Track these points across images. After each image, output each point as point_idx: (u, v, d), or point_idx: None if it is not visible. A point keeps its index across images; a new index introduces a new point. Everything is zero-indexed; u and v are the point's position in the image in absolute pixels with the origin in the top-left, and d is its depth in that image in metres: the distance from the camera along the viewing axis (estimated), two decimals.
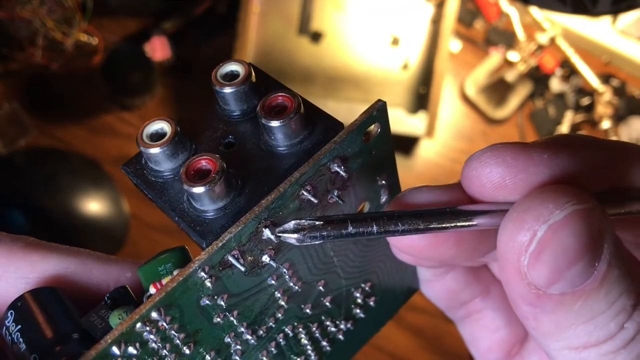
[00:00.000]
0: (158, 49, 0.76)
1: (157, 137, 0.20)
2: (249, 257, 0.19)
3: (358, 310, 0.25)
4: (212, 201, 0.18)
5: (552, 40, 0.82)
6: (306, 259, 0.21)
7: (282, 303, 0.21)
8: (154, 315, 0.17)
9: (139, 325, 0.17)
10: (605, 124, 0.85)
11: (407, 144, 0.83)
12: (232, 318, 0.20)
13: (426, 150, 0.84)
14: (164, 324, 0.18)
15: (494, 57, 0.86)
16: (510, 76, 0.82)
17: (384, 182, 0.22)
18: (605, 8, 0.48)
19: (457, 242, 0.20)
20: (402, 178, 0.24)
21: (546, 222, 0.16)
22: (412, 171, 0.83)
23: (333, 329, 0.24)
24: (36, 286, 0.19)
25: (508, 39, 0.86)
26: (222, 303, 0.19)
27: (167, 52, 0.76)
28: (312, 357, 0.24)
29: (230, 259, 0.18)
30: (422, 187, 0.20)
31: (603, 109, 0.84)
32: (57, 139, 0.77)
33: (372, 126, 0.20)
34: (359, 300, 0.25)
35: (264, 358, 0.22)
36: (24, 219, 0.72)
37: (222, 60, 0.20)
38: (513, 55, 0.85)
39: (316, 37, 0.77)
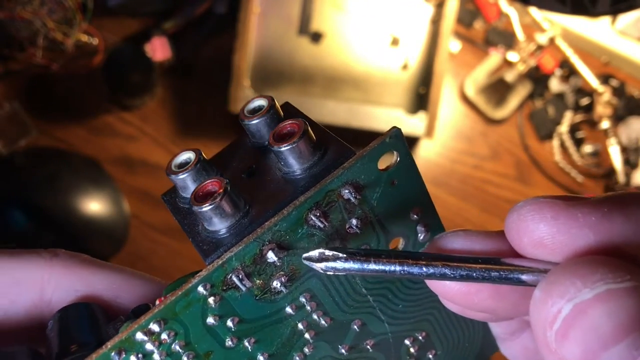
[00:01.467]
0: (158, 49, 0.76)
1: (183, 165, 0.21)
2: (258, 281, 0.19)
3: None
4: (218, 221, 0.19)
5: (552, 41, 0.82)
6: (331, 292, 0.21)
7: (308, 337, 0.21)
8: (154, 327, 0.18)
9: (138, 334, 0.18)
10: (605, 124, 0.85)
11: (407, 144, 0.83)
12: (247, 344, 0.20)
13: (426, 151, 0.84)
14: (166, 337, 0.18)
15: (494, 58, 0.86)
16: (509, 76, 0.82)
17: (416, 217, 0.21)
18: (604, 8, 0.48)
19: (494, 294, 0.18)
20: None
21: (571, 301, 0.15)
22: None
23: None
24: (84, 299, 0.21)
25: (507, 40, 0.86)
26: (232, 326, 0.19)
27: (168, 53, 0.76)
28: None
29: (234, 279, 0.19)
30: (459, 232, 0.19)
31: (602, 109, 0.84)
32: (58, 139, 0.77)
33: (390, 154, 0.20)
34: (412, 351, 0.23)
35: None
36: (24, 219, 0.72)
37: (223, 60, 0.20)
38: (512, 56, 0.85)
39: (316, 37, 0.77)
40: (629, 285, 0.15)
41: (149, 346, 0.18)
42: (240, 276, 0.19)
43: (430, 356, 0.24)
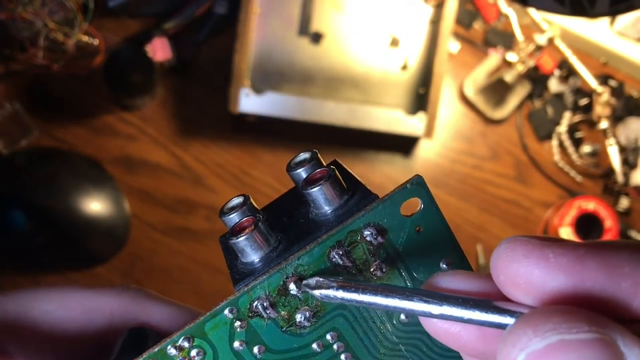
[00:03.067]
0: (159, 49, 0.76)
1: (233, 208, 0.23)
2: (282, 312, 0.20)
3: None
4: (250, 253, 0.21)
5: (551, 41, 0.83)
6: (359, 335, 0.21)
7: None
8: (184, 343, 0.20)
9: (169, 348, 0.20)
10: (603, 124, 0.85)
11: (407, 144, 0.83)
12: None
13: (425, 151, 0.85)
14: (195, 355, 0.20)
15: (493, 58, 0.86)
16: (509, 77, 0.82)
17: (446, 267, 0.21)
18: (603, 9, 0.49)
19: (480, 336, 0.18)
20: (402, 178, 0.24)
21: (523, 350, 0.14)
22: (412, 171, 0.83)
23: None
24: (141, 326, 0.25)
25: (507, 40, 0.87)
26: (257, 353, 0.21)
27: (168, 53, 0.77)
28: None
29: (259, 306, 0.20)
30: (457, 272, 0.19)
31: (601, 110, 0.85)
32: (58, 139, 0.77)
33: (415, 200, 0.21)
34: None
35: None
36: (25, 219, 0.73)
37: (223, 60, 0.21)
38: (512, 56, 0.85)
39: (316, 38, 0.77)
40: (586, 337, 0.14)
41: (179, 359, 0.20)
42: (264, 304, 0.20)
43: None
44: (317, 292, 0.19)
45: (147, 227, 0.77)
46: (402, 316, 0.22)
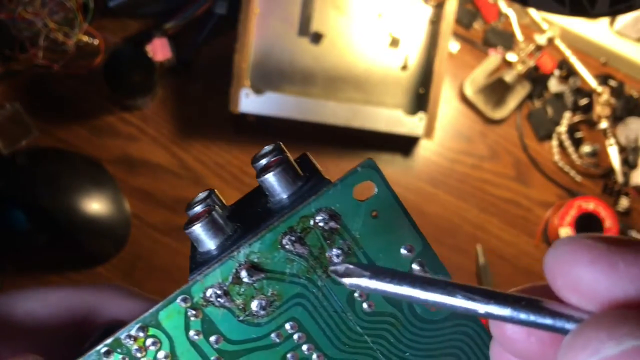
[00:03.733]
0: (159, 49, 0.76)
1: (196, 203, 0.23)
2: (237, 300, 0.20)
3: None
4: (205, 243, 0.20)
5: (551, 41, 0.83)
6: (320, 325, 0.21)
7: None
8: (139, 332, 0.20)
9: (124, 337, 0.20)
10: (603, 124, 0.85)
11: (407, 144, 0.83)
12: None
13: (425, 150, 0.85)
14: (150, 344, 0.20)
15: (493, 58, 0.86)
16: (508, 77, 0.82)
17: (408, 253, 0.21)
18: (603, 9, 0.49)
19: (540, 340, 0.16)
20: (402, 178, 0.23)
21: (594, 356, 0.13)
22: (412, 171, 0.83)
23: None
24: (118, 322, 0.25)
25: (507, 40, 0.87)
26: (215, 344, 0.20)
27: (168, 53, 0.77)
28: None
29: (212, 295, 0.20)
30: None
31: (601, 110, 0.85)
32: (59, 139, 0.78)
33: (370, 184, 0.20)
34: None
35: None
36: (25, 219, 0.73)
37: (223, 60, 0.21)
38: (511, 56, 0.85)
39: (316, 38, 0.77)
40: None
41: (135, 352, 0.20)
42: (218, 293, 0.20)
43: None
44: (346, 281, 0.17)
45: (148, 227, 0.77)
46: (365, 305, 0.21)
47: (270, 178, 0.20)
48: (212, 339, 0.20)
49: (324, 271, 0.20)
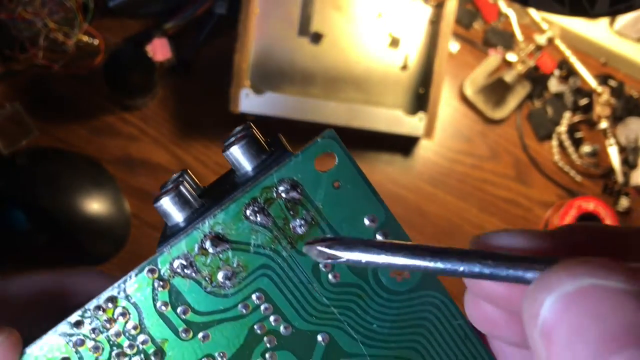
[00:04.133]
0: (159, 49, 0.76)
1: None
2: (204, 272, 0.20)
3: None
4: (172, 217, 0.21)
5: (551, 41, 0.83)
6: (287, 296, 0.21)
7: (268, 344, 0.21)
8: (107, 304, 0.20)
9: (93, 309, 0.20)
10: (603, 125, 0.85)
11: (407, 144, 0.83)
12: (202, 339, 0.21)
13: (425, 150, 0.85)
14: (119, 315, 0.20)
15: (493, 58, 0.86)
16: (508, 77, 0.82)
17: (371, 223, 0.21)
18: (603, 9, 0.49)
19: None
20: (402, 178, 0.23)
21: (552, 294, 0.13)
22: (412, 171, 0.83)
23: None
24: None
25: (506, 40, 0.87)
26: (183, 315, 0.21)
27: (168, 53, 0.77)
28: None
29: (179, 266, 0.20)
30: (512, 230, 0.18)
31: (601, 110, 0.85)
32: (59, 139, 0.78)
33: (331, 156, 0.21)
34: None
35: None
36: (25, 219, 0.73)
37: (223, 61, 0.22)
38: (511, 56, 0.85)
39: (316, 38, 0.77)
40: (621, 286, 0.13)
41: (103, 321, 0.20)
42: (184, 264, 0.20)
43: None
44: (314, 249, 0.18)
45: (148, 227, 0.77)
46: (330, 276, 0.21)
47: (235, 151, 0.21)
48: (180, 310, 0.21)
49: (288, 242, 0.21)
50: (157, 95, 0.79)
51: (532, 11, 0.84)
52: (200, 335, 0.21)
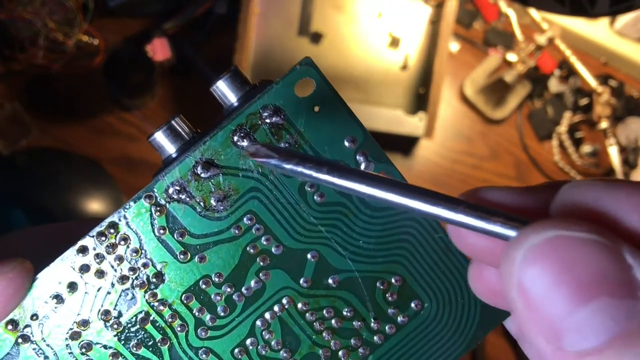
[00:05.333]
0: (159, 49, 0.76)
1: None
2: (197, 196, 0.22)
3: (392, 311, 0.23)
4: (166, 150, 0.22)
5: (551, 41, 0.83)
6: (276, 216, 0.22)
7: (261, 263, 0.22)
8: (110, 230, 0.21)
9: (96, 234, 0.21)
10: (604, 124, 0.85)
11: (407, 144, 0.83)
12: (199, 261, 0.22)
13: (425, 150, 0.85)
14: (120, 240, 0.21)
15: (493, 58, 0.86)
16: (509, 77, 0.82)
17: (351, 145, 0.22)
18: (603, 9, 0.49)
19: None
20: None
21: (522, 247, 0.14)
22: (412, 171, 0.83)
23: (358, 323, 0.23)
24: None
25: (507, 40, 0.87)
26: (180, 238, 0.22)
27: (168, 53, 0.77)
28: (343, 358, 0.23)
29: (174, 192, 0.21)
30: (503, 187, 0.18)
31: (601, 109, 0.85)
32: (59, 139, 0.78)
33: (311, 82, 0.22)
34: (390, 298, 0.23)
35: (264, 330, 0.22)
36: (25, 219, 0.73)
37: (223, 60, 0.23)
38: (512, 56, 0.85)
39: (316, 38, 0.77)
40: (586, 236, 0.13)
41: (106, 247, 0.21)
42: (178, 189, 0.21)
43: (414, 306, 0.23)
44: (257, 160, 0.19)
45: None
46: (316, 196, 0.22)
47: (220, 85, 0.22)
48: (177, 234, 0.22)
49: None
50: (157, 95, 0.79)
51: (532, 11, 0.83)
52: (197, 257, 0.22)
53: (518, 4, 0.69)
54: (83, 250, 0.21)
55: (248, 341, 0.22)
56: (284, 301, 0.23)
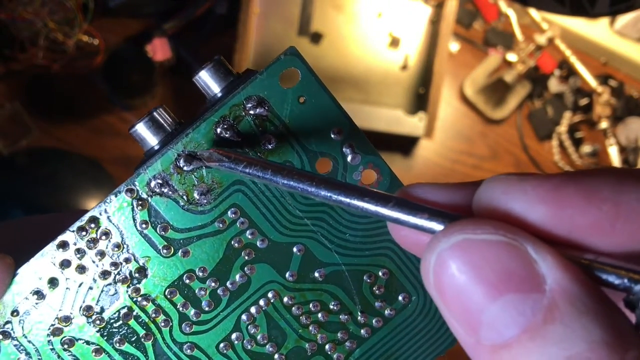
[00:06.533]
0: (159, 49, 0.76)
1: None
2: (180, 190, 0.21)
3: (379, 304, 0.23)
4: (147, 142, 0.21)
5: (551, 41, 0.83)
6: (261, 210, 0.22)
7: (246, 257, 0.22)
8: (90, 224, 0.21)
9: (76, 228, 0.21)
10: (604, 124, 0.85)
11: (407, 144, 0.83)
12: (182, 256, 0.21)
13: (425, 150, 0.85)
14: (101, 235, 0.21)
15: (493, 58, 0.86)
16: (509, 77, 0.82)
17: (337, 136, 0.22)
18: (603, 9, 0.49)
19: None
20: (402, 178, 0.24)
21: (434, 252, 0.15)
22: (412, 171, 0.83)
23: (345, 317, 0.23)
24: None
25: (507, 40, 0.87)
26: (163, 232, 0.21)
27: (168, 53, 0.77)
28: (331, 354, 0.23)
29: (156, 185, 0.21)
30: (431, 184, 0.19)
31: (601, 109, 0.85)
32: (59, 139, 0.78)
33: (296, 72, 0.21)
34: (377, 291, 0.23)
35: (249, 325, 0.22)
36: None
37: None
38: (512, 56, 0.85)
39: (316, 38, 0.77)
40: (490, 237, 0.14)
41: (87, 242, 0.21)
42: (160, 182, 0.21)
43: (402, 299, 0.23)
44: (209, 164, 0.20)
45: None
46: None
47: (203, 75, 0.21)
48: (160, 228, 0.21)
49: (259, 157, 0.21)
50: (157, 95, 0.79)
51: (532, 11, 0.83)
52: (180, 251, 0.21)
53: (518, 4, 0.69)
54: (63, 245, 0.21)
55: (233, 336, 0.22)
56: (270, 295, 0.22)
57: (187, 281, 0.22)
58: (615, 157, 0.85)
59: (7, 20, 0.70)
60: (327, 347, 0.23)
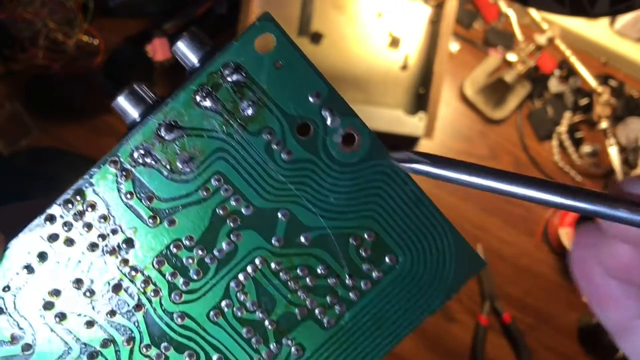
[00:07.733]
0: (159, 49, 0.76)
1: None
2: (162, 159, 0.21)
3: (366, 267, 0.23)
4: (129, 113, 0.22)
5: (551, 41, 0.83)
6: (244, 176, 0.22)
7: (231, 224, 0.22)
8: (76, 197, 0.21)
9: (62, 202, 0.21)
10: (604, 124, 0.85)
11: (407, 144, 0.83)
12: (168, 225, 0.22)
13: (425, 150, 0.84)
14: (87, 208, 0.21)
15: (493, 58, 0.86)
16: (509, 77, 0.82)
17: (316, 100, 0.22)
18: (603, 9, 0.49)
19: None
20: None
21: None
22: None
23: (332, 280, 0.23)
24: None
25: (507, 40, 0.87)
26: (148, 203, 0.22)
27: (168, 53, 0.77)
28: (321, 318, 0.23)
29: (139, 155, 0.21)
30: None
31: (601, 109, 0.85)
32: (59, 139, 0.78)
33: (267, 36, 0.22)
34: (364, 253, 0.23)
35: (238, 292, 0.23)
36: None
37: None
38: (512, 56, 0.85)
39: (316, 38, 0.77)
40: None
41: (73, 214, 0.21)
42: (143, 153, 0.21)
43: (389, 260, 0.23)
44: (406, 166, 0.20)
45: None
46: (283, 154, 0.22)
47: (180, 45, 0.22)
48: (144, 198, 0.22)
49: (239, 124, 0.22)
50: (157, 94, 0.79)
51: (532, 11, 0.84)
52: (166, 221, 0.22)
53: (518, 4, 0.69)
54: (50, 218, 0.21)
55: (223, 303, 0.22)
56: (257, 261, 0.22)
57: (175, 250, 0.22)
58: (615, 157, 0.85)
59: (7, 20, 0.70)
60: (317, 311, 0.23)
